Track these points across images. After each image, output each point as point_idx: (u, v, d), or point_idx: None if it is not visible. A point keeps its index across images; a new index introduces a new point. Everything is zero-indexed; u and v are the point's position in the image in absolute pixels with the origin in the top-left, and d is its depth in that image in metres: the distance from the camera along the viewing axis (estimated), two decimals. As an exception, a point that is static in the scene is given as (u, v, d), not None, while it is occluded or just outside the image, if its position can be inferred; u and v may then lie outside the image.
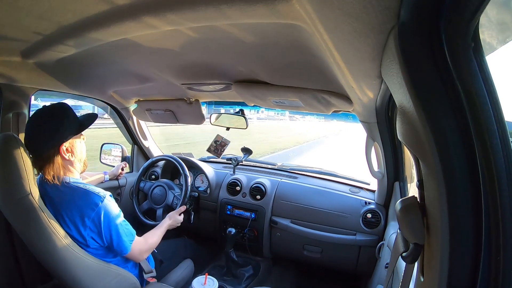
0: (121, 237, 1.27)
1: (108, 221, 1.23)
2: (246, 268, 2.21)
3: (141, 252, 1.39)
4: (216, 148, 2.26)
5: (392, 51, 0.48)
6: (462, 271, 0.45)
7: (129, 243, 1.31)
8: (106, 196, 1.25)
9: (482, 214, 0.43)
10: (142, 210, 2.13)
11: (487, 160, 0.41)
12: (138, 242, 1.37)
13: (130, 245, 1.31)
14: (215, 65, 1.20)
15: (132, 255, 1.35)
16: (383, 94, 0.97)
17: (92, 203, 1.20)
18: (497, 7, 0.47)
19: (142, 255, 1.41)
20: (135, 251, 1.35)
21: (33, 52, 1.04)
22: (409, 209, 0.54)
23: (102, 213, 1.21)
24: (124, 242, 1.28)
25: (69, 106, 1.26)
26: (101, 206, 1.21)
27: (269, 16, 0.60)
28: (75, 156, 1.26)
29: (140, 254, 1.38)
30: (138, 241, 1.37)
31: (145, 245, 1.41)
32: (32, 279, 1.41)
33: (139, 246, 1.37)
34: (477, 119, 0.41)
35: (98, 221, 1.21)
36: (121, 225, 1.28)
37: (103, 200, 1.22)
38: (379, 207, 1.91)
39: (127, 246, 1.30)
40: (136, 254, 1.36)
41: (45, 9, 0.71)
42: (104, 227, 1.22)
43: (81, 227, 1.20)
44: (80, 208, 1.20)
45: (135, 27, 0.76)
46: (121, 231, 1.27)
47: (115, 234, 1.25)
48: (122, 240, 1.28)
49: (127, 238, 1.30)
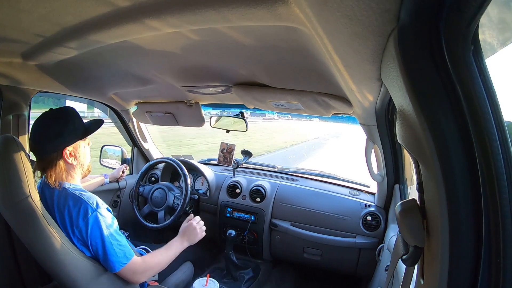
0: (108, 256, 1.16)
1: (95, 235, 1.15)
2: (246, 271, 2.21)
3: (135, 274, 1.24)
4: (225, 156, 2.26)
5: (391, 54, 0.48)
6: (462, 274, 0.45)
7: (119, 264, 1.18)
8: (101, 208, 1.18)
9: (482, 217, 0.43)
10: (143, 214, 2.13)
11: (487, 163, 0.41)
12: (134, 263, 1.23)
13: (120, 266, 1.18)
14: (215, 68, 1.21)
15: (123, 275, 1.22)
16: (383, 97, 0.97)
17: (83, 212, 1.15)
18: (498, 7, 0.47)
19: (137, 277, 1.26)
20: (127, 272, 1.21)
21: (34, 54, 1.04)
22: (409, 212, 0.54)
23: (90, 225, 1.14)
24: (112, 261, 1.17)
25: (75, 110, 1.24)
26: (91, 217, 1.14)
27: (269, 18, 0.61)
28: (77, 161, 1.24)
29: (134, 275, 1.24)
30: (134, 261, 1.22)
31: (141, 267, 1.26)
32: (32, 281, 1.41)
33: (134, 268, 1.23)
34: (477, 122, 0.41)
35: (85, 232, 1.15)
36: (112, 243, 1.17)
37: (94, 211, 1.16)
38: (379, 209, 1.91)
39: (115, 266, 1.18)
40: (128, 275, 1.23)
41: (46, 11, 0.71)
42: (91, 240, 1.15)
43: (71, 234, 1.17)
44: (71, 215, 1.16)
45: (135, 30, 0.76)
46: (110, 249, 1.16)
47: (101, 250, 1.16)
48: (109, 259, 1.17)
49: (117, 259, 1.17)
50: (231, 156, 2.25)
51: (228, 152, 2.25)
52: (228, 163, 2.27)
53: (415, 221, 0.53)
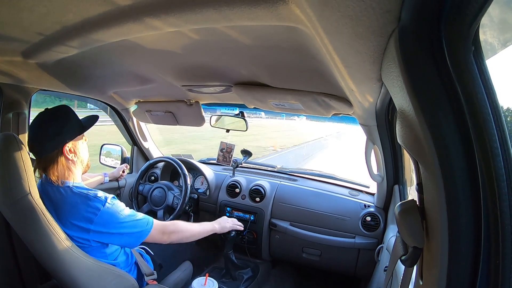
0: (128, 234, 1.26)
1: (112, 223, 1.22)
2: (245, 270, 2.20)
3: (164, 234, 1.36)
4: (224, 156, 2.27)
5: (392, 54, 0.48)
6: (461, 275, 0.45)
7: (146, 232, 1.30)
8: (109, 198, 1.24)
9: (482, 218, 0.43)
10: (142, 213, 2.12)
11: (486, 164, 0.41)
12: (158, 225, 1.35)
13: (147, 233, 1.30)
14: (215, 67, 1.21)
15: (153, 239, 1.33)
16: (383, 97, 0.97)
17: (94, 207, 1.19)
18: (499, 8, 0.47)
19: (166, 236, 1.37)
20: (156, 235, 1.33)
21: (34, 52, 1.04)
22: (408, 213, 0.54)
23: (104, 217, 1.20)
24: (131, 237, 1.27)
25: (71, 108, 1.27)
26: (103, 210, 1.20)
27: (269, 18, 0.61)
28: (77, 157, 1.27)
29: (163, 235, 1.36)
30: (157, 224, 1.34)
31: (170, 227, 1.40)
32: (31, 279, 1.40)
33: (160, 228, 1.35)
34: (477, 123, 0.41)
35: (102, 224, 1.20)
36: (128, 222, 1.26)
37: (104, 203, 1.21)
38: (379, 210, 1.91)
39: (136, 239, 1.29)
40: (158, 237, 1.34)
41: (46, 10, 0.71)
42: (109, 229, 1.21)
43: (84, 231, 1.19)
44: (81, 212, 1.19)
45: (136, 28, 0.76)
46: (128, 228, 1.25)
47: (120, 233, 1.24)
48: (130, 235, 1.26)
49: (138, 229, 1.28)
50: (230, 155, 2.26)
51: (228, 151, 2.26)
52: (227, 162, 2.28)
53: (414, 222, 0.53)
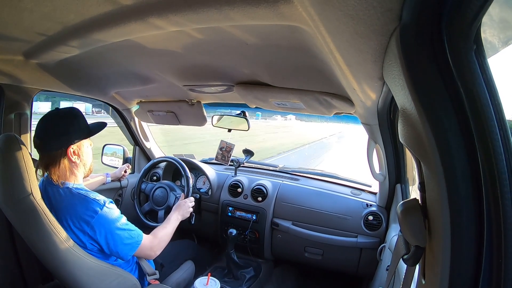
0: (122, 243, 1.25)
1: (107, 228, 1.22)
2: (247, 270, 2.20)
3: (151, 249, 1.37)
4: (223, 155, 2.28)
5: (394, 53, 0.48)
6: (464, 274, 0.45)
7: (136, 245, 1.29)
8: (107, 202, 1.24)
9: (484, 217, 0.43)
10: (144, 211, 2.13)
11: (489, 162, 0.41)
12: (147, 240, 1.35)
13: (136, 246, 1.29)
14: (217, 67, 1.21)
15: (142, 254, 1.35)
16: (385, 96, 0.97)
17: (91, 210, 1.20)
18: (500, 6, 0.47)
19: (154, 251, 1.38)
20: (145, 250, 1.34)
21: (35, 52, 1.04)
22: (410, 212, 0.54)
23: (101, 221, 1.20)
24: (125, 247, 1.26)
25: (80, 111, 1.29)
26: (101, 214, 1.20)
27: (271, 18, 0.61)
28: (81, 160, 1.28)
29: (151, 250, 1.37)
30: (146, 239, 1.35)
31: (155, 240, 1.39)
32: (34, 279, 1.41)
33: (148, 244, 1.35)
34: (478, 121, 0.41)
35: (97, 228, 1.20)
36: (122, 230, 1.26)
37: (102, 207, 1.21)
38: (381, 209, 1.90)
39: (129, 251, 1.28)
40: (147, 252, 1.36)
41: (48, 10, 0.71)
42: (103, 234, 1.21)
43: (80, 232, 1.20)
44: (79, 214, 1.19)
45: (138, 28, 0.76)
46: (123, 236, 1.25)
47: (114, 240, 1.23)
48: (124, 245, 1.26)
49: (130, 241, 1.27)
50: (229, 155, 2.26)
51: (227, 151, 2.26)
52: (226, 162, 2.28)
53: (416, 221, 0.53)
